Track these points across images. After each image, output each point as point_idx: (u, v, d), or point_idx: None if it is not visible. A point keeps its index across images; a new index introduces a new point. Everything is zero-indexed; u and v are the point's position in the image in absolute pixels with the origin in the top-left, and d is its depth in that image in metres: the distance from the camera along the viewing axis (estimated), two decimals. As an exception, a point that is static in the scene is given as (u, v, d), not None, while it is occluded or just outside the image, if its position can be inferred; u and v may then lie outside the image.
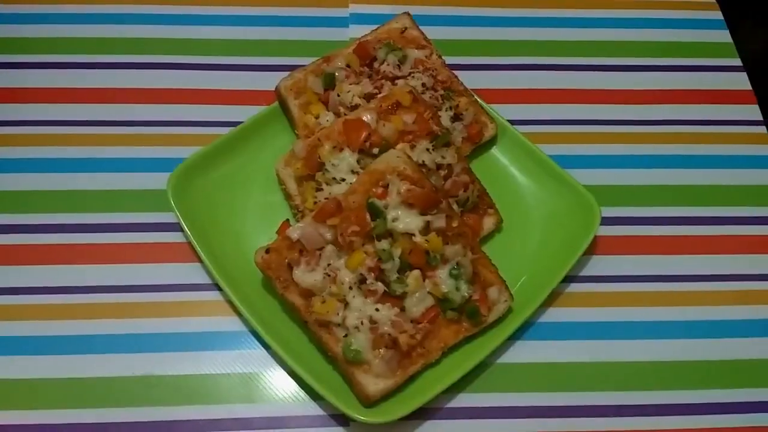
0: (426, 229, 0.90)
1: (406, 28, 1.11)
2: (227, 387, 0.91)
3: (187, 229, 0.96)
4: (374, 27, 1.12)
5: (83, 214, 1.01)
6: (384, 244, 0.89)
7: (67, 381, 0.89)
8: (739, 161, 1.13)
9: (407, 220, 0.89)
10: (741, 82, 1.22)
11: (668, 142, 1.14)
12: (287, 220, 0.95)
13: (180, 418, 0.88)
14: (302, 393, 0.91)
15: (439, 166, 0.97)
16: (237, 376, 0.91)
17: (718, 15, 1.29)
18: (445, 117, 1.03)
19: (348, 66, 1.06)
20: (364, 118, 0.97)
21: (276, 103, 1.08)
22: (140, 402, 0.89)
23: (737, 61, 1.24)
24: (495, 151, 1.09)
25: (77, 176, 1.04)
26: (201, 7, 1.22)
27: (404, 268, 0.89)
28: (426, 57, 1.09)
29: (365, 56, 1.06)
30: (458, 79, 1.09)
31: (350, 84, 1.04)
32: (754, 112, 1.18)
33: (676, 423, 0.91)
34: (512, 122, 1.09)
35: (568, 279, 0.99)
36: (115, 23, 1.19)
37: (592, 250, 1.02)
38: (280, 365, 0.92)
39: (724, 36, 1.27)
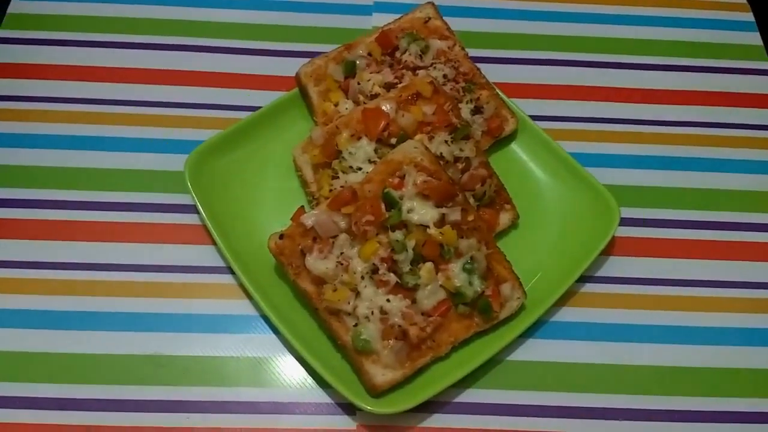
0: (441, 222, 0.89)
1: (429, 18, 1.10)
2: (235, 370, 0.91)
3: (202, 211, 0.96)
4: (398, 16, 1.11)
5: (100, 192, 1.02)
6: (398, 235, 0.88)
7: (77, 356, 0.90)
8: (763, 167, 1.10)
9: (422, 212, 0.89)
10: (770, 86, 1.19)
11: (693, 144, 1.12)
12: (302, 206, 0.94)
13: (187, 399, 0.88)
14: (310, 380, 0.91)
15: (456, 159, 0.96)
16: (245, 359, 0.92)
17: (749, 17, 1.27)
18: (465, 109, 1.02)
19: (369, 54, 1.05)
20: (384, 108, 0.96)
21: (295, 90, 1.07)
22: (148, 380, 0.89)
23: (767, 65, 1.21)
24: (514, 146, 1.07)
25: (96, 154, 1.05)
26: (226, -10, 1.23)
27: (417, 260, 0.88)
28: (448, 48, 1.08)
29: (387, 45, 1.05)
30: (480, 72, 1.08)
31: (371, 73, 1.03)
32: (781, 117, 1.16)
33: (686, 430, 0.90)
34: (533, 117, 1.07)
35: (583, 279, 0.98)
36: (138, 3, 1.20)
37: (609, 250, 1.01)
38: (288, 351, 0.92)
39: (755, 38, 1.24)
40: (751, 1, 1.28)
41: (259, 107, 1.05)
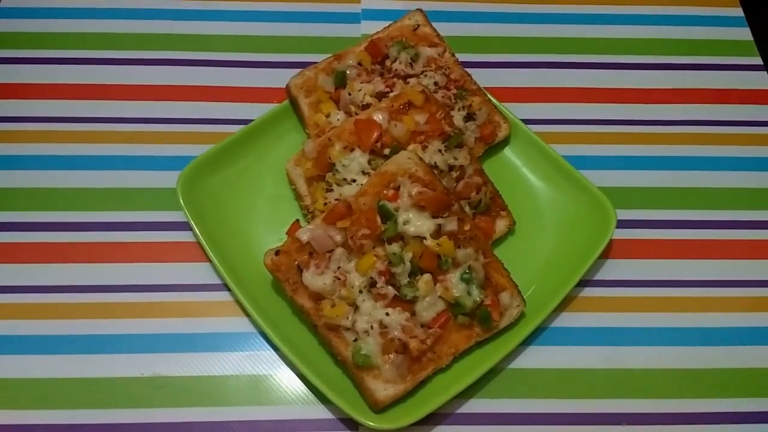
0: (437, 233, 0.88)
1: (418, 25, 1.09)
2: (235, 388, 0.90)
3: (196, 229, 0.95)
4: (387, 23, 1.10)
5: (91, 213, 1.00)
6: (395, 248, 0.87)
7: (73, 381, 0.89)
8: (759, 163, 1.10)
9: (418, 223, 0.88)
10: (761, 81, 1.19)
11: (686, 143, 1.12)
12: (297, 220, 0.93)
13: (187, 420, 0.87)
14: (311, 396, 0.90)
15: (451, 168, 0.96)
16: (245, 377, 0.91)
17: (738, 12, 1.26)
18: (457, 117, 1.02)
19: (359, 64, 1.04)
20: (376, 118, 0.96)
21: (287, 101, 1.06)
22: (147, 403, 0.88)
23: (758, 60, 1.21)
24: (508, 151, 1.07)
25: (86, 174, 1.03)
26: (211, 2, 1.21)
27: (415, 272, 0.87)
28: (439, 55, 1.07)
29: (377, 54, 1.05)
30: (471, 78, 1.07)
31: (362, 82, 1.02)
32: (774, 112, 1.16)
33: (690, 432, 0.90)
34: (526, 122, 1.07)
35: (582, 283, 0.97)
36: (126, 18, 1.18)
37: (606, 253, 1.00)
38: (289, 367, 0.91)
39: (745, 34, 1.24)
40: (740, -4, 1.28)
41: (250, 120, 1.04)
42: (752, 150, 1.11)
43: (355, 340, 0.86)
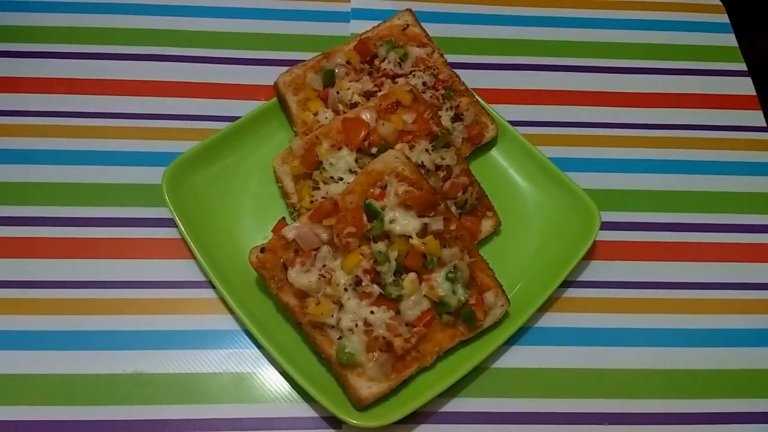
0: (423, 232, 0.89)
1: (408, 25, 1.09)
2: (218, 386, 0.90)
3: (180, 225, 0.94)
4: (376, 23, 1.10)
5: (75, 208, 1.00)
6: (380, 246, 0.87)
7: (55, 377, 0.88)
8: (741, 168, 1.12)
9: (404, 222, 0.88)
10: (745, 87, 1.20)
11: (670, 147, 1.13)
12: (283, 218, 0.93)
13: (170, 417, 0.87)
14: (294, 394, 0.90)
15: (438, 167, 0.96)
16: (228, 375, 0.90)
17: (724, 18, 1.28)
18: (445, 117, 1.02)
19: (348, 63, 1.04)
20: (364, 117, 0.96)
21: (274, 99, 1.06)
22: (130, 400, 0.88)
23: (742, 66, 1.23)
24: (495, 152, 1.07)
25: (69, 168, 1.03)
26: (200, -2, 1.21)
27: (400, 270, 0.88)
28: (427, 55, 1.07)
29: (366, 53, 1.05)
30: (459, 79, 1.08)
31: (350, 81, 1.02)
32: (757, 118, 1.17)
33: (671, 433, 0.90)
34: (513, 123, 1.07)
35: (566, 284, 0.98)
36: (113, 13, 1.17)
37: (590, 255, 1.01)
38: (272, 365, 0.91)
39: (730, 40, 1.26)
40: (726, 2, 1.29)
41: (238, 117, 1.04)
42: (736, 154, 1.13)
43: (340, 338, 0.86)
